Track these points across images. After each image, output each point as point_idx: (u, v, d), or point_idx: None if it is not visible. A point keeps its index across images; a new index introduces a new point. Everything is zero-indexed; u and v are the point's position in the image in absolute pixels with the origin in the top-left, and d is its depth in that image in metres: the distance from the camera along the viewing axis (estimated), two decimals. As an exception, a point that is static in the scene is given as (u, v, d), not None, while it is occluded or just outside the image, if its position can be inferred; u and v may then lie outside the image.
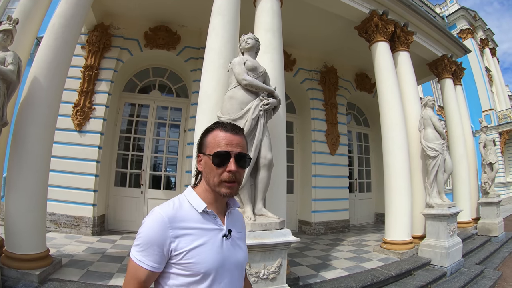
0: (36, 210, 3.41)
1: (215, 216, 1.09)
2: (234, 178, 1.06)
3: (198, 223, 1.04)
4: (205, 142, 1.11)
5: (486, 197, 8.15)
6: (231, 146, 1.06)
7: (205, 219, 1.06)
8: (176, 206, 1.05)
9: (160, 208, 1.02)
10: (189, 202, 1.08)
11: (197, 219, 1.05)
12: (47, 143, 3.62)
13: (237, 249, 1.13)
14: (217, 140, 1.07)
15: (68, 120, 5.85)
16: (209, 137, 1.10)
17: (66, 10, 3.83)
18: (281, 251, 2.85)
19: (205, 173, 1.10)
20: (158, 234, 0.96)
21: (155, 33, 6.66)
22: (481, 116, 16.99)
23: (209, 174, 1.07)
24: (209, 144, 1.09)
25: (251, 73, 3.19)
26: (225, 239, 1.08)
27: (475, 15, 19.52)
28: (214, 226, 1.07)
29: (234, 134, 1.09)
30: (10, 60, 3.32)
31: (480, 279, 4.98)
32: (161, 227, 0.97)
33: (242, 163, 1.08)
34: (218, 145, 1.06)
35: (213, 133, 1.10)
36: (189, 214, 1.04)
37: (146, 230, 0.98)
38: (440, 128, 5.59)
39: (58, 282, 3.24)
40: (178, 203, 1.07)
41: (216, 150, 1.05)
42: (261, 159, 3.06)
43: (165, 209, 1.02)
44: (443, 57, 7.96)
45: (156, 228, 0.97)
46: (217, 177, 1.05)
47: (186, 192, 1.13)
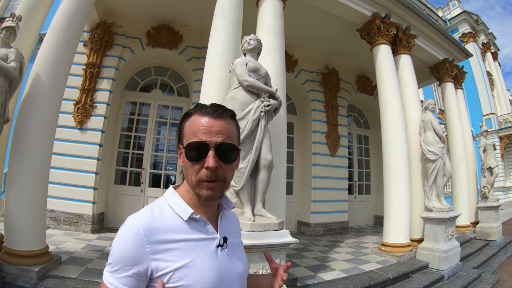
0: (36, 207, 3.42)
1: (205, 223, 0.88)
2: (215, 176, 0.83)
3: (184, 234, 0.83)
4: (182, 130, 0.89)
5: (485, 201, 8.14)
6: (210, 134, 0.83)
7: (192, 228, 0.85)
8: (155, 213, 0.83)
9: (134, 217, 0.81)
10: (171, 207, 0.87)
11: (183, 228, 0.83)
12: (48, 140, 3.63)
13: (235, 260, 0.93)
14: (193, 128, 0.85)
15: (69, 118, 5.87)
16: (187, 123, 0.88)
17: (69, 8, 3.84)
18: (280, 252, 2.87)
19: (184, 169, 0.88)
20: (132, 251, 0.75)
21: (157, 32, 6.67)
22: (481, 120, 16.98)
23: (187, 172, 0.86)
24: (186, 132, 0.87)
25: (252, 74, 3.20)
26: (220, 249, 0.88)
27: (478, 19, 19.51)
28: (205, 236, 0.86)
29: (216, 118, 0.85)
30: (13, 57, 3.34)
31: (477, 283, 4.98)
32: (136, 241, 0.76)
33: (226, 157, 0.84)
34: (193, 134, 0.84)
35: (191, 118, 0.87)
36: (172, 223, 0.83)
37: (118, 245, 0.77)
38: (440, 132, 5.59)
39: (57, 279, 3.25)
40: (157, 209, 0.85)
41: (190, 140, 0.84)
42: (261, 160, 3.07)
43: (140, 218, 0.80)
44: (445, 60, 7.96)
45: (130, 243, 0.76)
46: (194, 175, 0.84)
47: (166, 195, 0.91)
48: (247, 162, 2.97)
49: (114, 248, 0.77)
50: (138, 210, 0.84)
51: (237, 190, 3.02)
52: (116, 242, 0.78)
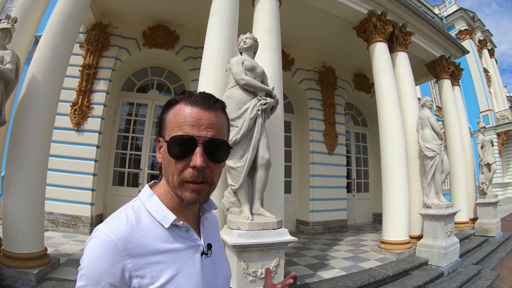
0: (34, 209, 3.41)
1: (187, 229, 0.78)
2: (202, 177, 0.72)
3: (166, 244, 0.72)
4: (164, 120, 0.76)
5: (484, 198, 8.16)
6: (199, 128, 0.71)
7: (175, 236, 0.74)
8: (131, 221, 0.70)
9: (106, 227, 0.68)
10: (149, 212, 0.74)
11: (164, 237, 0.72)
12: (45, 142, 3.62)
13: (220, 268, 0.85)
14: (178, 119, 0.72)
15: (66, 119, 5.84)
16: (170, 113, 0.75)
17: (64, 8, 3.83)
18: (279, 251, 2.86)
19: (164, 167, 0.76)
20: (110, 269, 0.64)
21: (153, 32, 6.65)
22: (479, 117, 17.03)
23: (167, 170, 0.74)
24: (169, 124, 0.74)
25: (249, 72, 3.20)
26: (205, 257, 0.79)
27: (474, 16, 19.56)
28: (189, 244, 0.77)
29: (206, 110, 0.73)
30: (9, 59, 3.32)
31: (477, 279, 4.99)
32: (114, 257, 0.64)
33: (215, 155, 0.73)
34: (178, 126, 0.71)
35: (175, 107, 0.74)
36: (152, 232, 0.71)
37: (91, 263, 0.65)
38: (438, 129, 5.60)
39: (56, 281, 3.24)
40: (133, 215, 0.72)
41: (174, 133, 0.71)
42: (259, 158, 3.07)
43: (114, 228, 0.68)
44: (441, 57, 7.97)
45: (106, 260, 0.64)
46: (176, 175, 0.72)
47: (142, 197, 0.78)
48: (244, 160, 2.97)
49: (86, 268, 0.65)
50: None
51: (235, 189, 3.02)
52: (88, 260, 0.65)
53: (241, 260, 2.67)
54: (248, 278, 2.65)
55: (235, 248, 2.64)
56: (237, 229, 2.79)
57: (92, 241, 0.67)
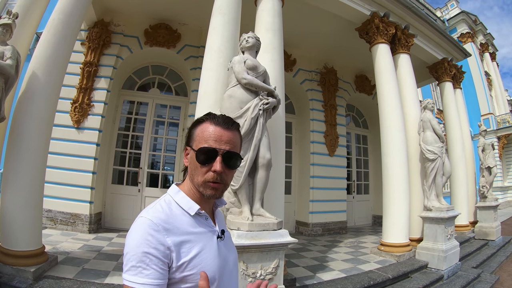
0: (32, 206, 3.38)
1: (206, 218, 1.00)
2: (220, 179, 0.95)
3: (192, 227, 0.93)
4: (193, 134, 0.99)
5: (484, 201, 8.14)
6: (220, 142, 0.95)
7: (198, 222, 0.96)
8: (165, 209, 0.92)
9: (148, 213, 0.88)
10: (177, 204, 0.96)
11: (190, 223, 0.93)
12: (45, 139, 3.59)
13: (230, 249, 1.07)
14: (205, 135, 0.95)
15: (66, 117, 5.82)
16: (198, 129, 0.98)
17: (66, 5, 3.81)
18: (279, 252, 2.84)
19: (190, 169, 0.99)
20: (155, 244, 0.81)
21: (155, 30, 6.64)
22: (480, 120, 17.04)
23: (194, 172, 0.97)
24: (197, 137, 0.97)
25: (251, 72, 3.17)
26: (220, 240, 1.00)
27: (476, 19, 19.55)
28: (208, 229, 0.98)
29: (226, 129, 0.97)
30: (9, 55, 3.30)
31: (477, 282, 4.97)
32: (157, 234, 0.83)
33: (230, 163, 0.96)
34: (205, 140, 0.95)
35: (202, 125, 0.98)
36: (181, 218, 0.92)
37: (139, 243, 0.81)
38: (439, 131, 5.58)
39: (53, 279, 3.22)
40: (166, 206, 0.94)
41: (202, 145, 0.94)
42: (259, 158, 3.04)
43: (155, 214, 0.88)
44: (443, 60, 7.96)
45: (151, 238, 0.82)
46: (200, 176, 0.95)
47: (171, 192, 1.00)
48: (245, 161, 2.94)
49: (133, 246, 0.82)
50: (136, 210, 0.88)
51: (235, 189, 2.99)
52: (135, 240, 0.82)
53: (241, 261, 2.63)
54: (248, 279, 2.62)
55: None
56: (237, 229, 2.76)
57: (137, 225, 0.86)
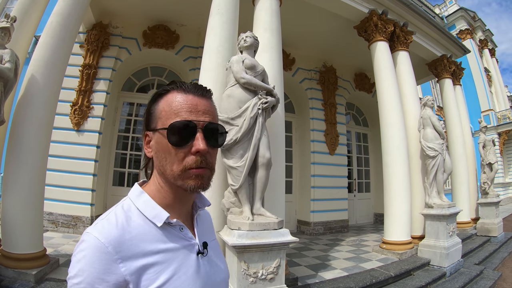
0: (33, 209, 3.39)
1: (181, 227, 0.74)
2: (205, 162, 0.70)
3: (160, 243, 0.68)
4: (154, 111, 0.73)
5: (486, 197, 8.12)
6: (196, 113, 0.70)
7: (168, 235, 0.71)
8: (122, 221, 0.66)
9: (95, 230, 0.64)
10: (139, 211, 0.70)
11: (157, 237, 0.68)
12: (44, 142, 3.60)
13: (217, 266, 0.81)
14: (174, 106, 0.70)
15: (66, 119, 5.82)
16: (161, 103, 0.72)
17: (63, 8, 3.82)
18: (280, 251, 2.83)
19: (158, 159, 0.72)
20: (102, 275, 0.60)
21: (153, 32, 6.64)
22: (480, 117, 16.98)
23: (164, 161, 0.70)
24: (161, 113, 0.71)
25: (249, 71, 3.17)
26: (201, 257, 0.75)
27: (474, 15, 19.52)
28: (183, 243, 0.73)
29: (200, 97, 0.72)
30: (8, 58, 3.31)
31: (479, 279, 4.95)
32: (105, 262, 0.60)
33: (214, 139, 0.72)
34: (175, 113, 0.69)
35: (166, 97, 0.72)
36: (144, 232, 0.67)
37: (82, 272, 0.60)
38: (439, 128, 5.57)
39: (55, 282, 3.22)
40: (123, 215, 0.68)
41: (172, 120, 0.69)
42: (259, 158, 3.04)
43: (104, 231, 0.64)
44: (443, 57, 7.95)
45: (97, 265, 0.60)
46: (177, 163, 0.69)
47: (132, 196, 0.74)
48: (245, 160, 2.94)
49: (77, 276, 0.60)
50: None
51: (235, 189, 2.99)
52: (80, 269, 0.60)
53: (242, 260, 2.63)
54: (249, 279, 2.62)
55: (236, 249, 2.62)
56: (238, 229, 2.76)
57: (81, 246, 0.62)
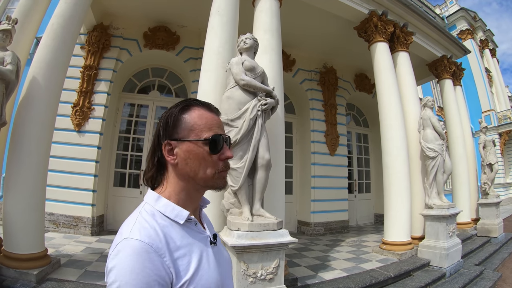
0: (35, 209, 3.42)
1: (196, 223, 0.86)
2: (228, 166, 0.90)
3: (185, 239, 0.78)
4: (184, 124, 0.84)
5: (486, 198, 8.12)
6: (221, 129, 0.88)
7: (188, 230, 0.81)
8: (152, 223, 0.75)
9: (135, 233, 0.71)
10: (161, 213, 0.79)
11: (181, 233, 0.78)
12: (46, 143, 3.63)
13: (224, 252, 0.96)
14: (206, 122, 0.84)
15: (67, 120, 5.85)
16: (191, 117, 0.84)
17: (64, 10, 3.84)
18: (279, 252, 2.85)
19: (189, 166, 0.83)
20: (155, 271, 0.67)
21: (154, 33, 6.66)
22: (481, 117, 16.95)
23: (198, 166, 0.83)
24: (194, 126, 0.83)
25: (249, 73, 3.19)
26: (213, 246, 0.87)
27: (475, 16, 19.51)
28: (200, 236, 0.85)
29: (217, 115, 0.91)
30: (9, 60, 3.34)
31: (479, 280, 4.96)
32: (154, 259, 0.68)
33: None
34: (209, 128, 0.84)
35: (194, 112, 0.85)
36: (170, 230, 0.77)
37: (135, 273, 0.65)
38: (439, 129, 5.58)
39: (56, 282, 3.24)
40: (150, 218, 0.77)
41: (210, 134, 0.83)
42: (259, 159, 3.06)
43: (143, 233, 0.71)
44: (443, 57, 7.95)
45: (148, 264, 0.67)
46: (211, 167, 0.83)
47: (151, 201, 0.83)
48: (244, 161, 2.96)
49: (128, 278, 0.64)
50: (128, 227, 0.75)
51: (235, 190, 3.01)
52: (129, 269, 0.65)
53: (241, 261, 2.65)
54: (248, 279, 2.64)
55: (235, 249, 2.63)
56: (237, 230, 2.78)
57: (126, 252, 0.68)
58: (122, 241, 0.70)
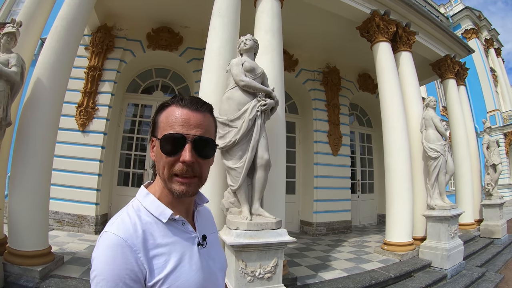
0: (39, 208, 3.48)
1: (183, 222, 0.84)
2: (191, 171, 0.79)
3: (167, 237, 0.78)
4: (157, 122, 0.84)
5: (489, 199, 8.06)
6: (188, 127, 0.79)
7: (173, 229, 0.81)
8: (134, 219, 0.76)
9: (113, 228, 0.74)
10: (147, 210, 0.80)
11: (164, 231, 0.79)
12: (50, 143, 3.69)
13: (216, 257, 0.92)
14: (170, 119, 0.80)
15: (71, 120, 5.93)
16: (163, 115, 0.83)
17: (68, 13, 3.91)
18: (277, 251, 2.88)
19: (157, 163, 0.83)
20: (125, 265, 0.69)
21: (157, 34, 6.71)
22: (486, 117, 16.84)
23: (158, 165, 0.82)
24: (161, 124, 0.82)
25: (249, 74, 3.22)
26: (201, 248, 0.85)
27: (480, 15, 19.36)
28: (186, 236, 0.83)
29: (194, 111, 0.81)
30: (14, 62, 3.40)
31: (481, 282, 4.93)
32: (127, 253, 0.70)
33: (203, 152, 0.81)
34: (170, 126, 0.79)
35: (167, 110, 0.83)
36: (152, 227, 0.77)
37: (107, 265, 0.69)
38: (441, 129, 5.56)
39: (59, 278, 3.31)
40: (134, 214, 0.78)
41: (166, 132, 0.79)
42: (258, 159, 3.09)
43: (121, 228, 0.73)
44: (446, 57, 7.91)
45: (120, 258, 0.69)
46: (167, 169, 0.79)
47: (140, 197, 0.84)
48: (243, 161, 2.99)
49: (103, 270, 0.68)
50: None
51: (235, 189, 3.04)
52: (105, 263, 0.69)
53: (240, 260, 2.69)
54: (246, 278, 2.67)
55: (234, 248, 2.67)
56: (236, 229, 2.81)
57: (103, 244, 0.72)
58: (103, 234, 0.74)
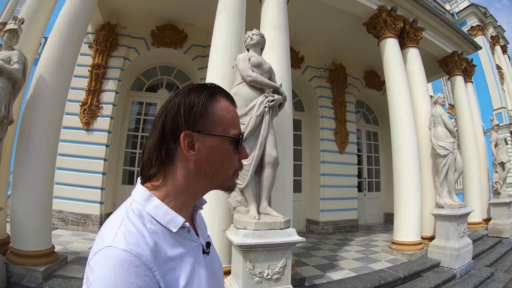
0: (42, 207, 3.43)
1: (189, 229, 0.71)
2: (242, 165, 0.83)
3: (175, 249, 0.65)
4: (212, 116, 0.70)
5: (497, 198, 7.96)
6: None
7: (180, 238, 0.68)
8: (140, 229, 0.61)
9: (120, 241, 0.57)
10: (151, 217, 0.65)
11: (171, 242, 0.65)
12: (53, 141, 3.64)
13: (217, 262, 0.83)
14: (231, 116, 0.73)
15: (75, 119, 5.89)
16: (219, 108, 0.71)
17: (70, 9, 3.87)
18: (286, 251, 2.80)
19: (211, 163, 0.70)
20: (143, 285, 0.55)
21: (161, 31, 6.67)
22: (492, 115, 16.64)
23: (221, 165, 0.72)
24: (222, 120, 0.71)
25: (256, 69, 3.15)
26: (205, 256, 0.75)
27: (486, 11, 19.13)
28: (193, 244, 0.71)
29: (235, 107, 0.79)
30: (16, 59, 3.36)
31: (490, 281, 4.84)
32: (143, 273, 0.55)
33: None
34: (234, 124, 0.73)
35: (221, 102, 0.72)
36: (160, 238, 0.63)
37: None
38: (450, 126, 5.46)
39: (63, 278, 3.25)
40: (138, 221, 0.63)
41: (236, 131, 0.73)
42: (266, 156, 3.01)
43: (131, 240, 0.58)
44: (453, 53, 7.80)
45: (134, 280, 0.54)
46: (232, 168, 0.74)
47: (139, 199, 0.68)
48: (251, 159, 2.92)
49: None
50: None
51: (242, 188, 2.97)
52: (112, 285, 0.52)
53: (247, 260, 2.61)
54: (254, 279, 2.60)
55: (241, 248, 2.60)
56: (244, 228, 2.74)
57: (107, 264, 0.55)
58: (104, 249, 0.57)
